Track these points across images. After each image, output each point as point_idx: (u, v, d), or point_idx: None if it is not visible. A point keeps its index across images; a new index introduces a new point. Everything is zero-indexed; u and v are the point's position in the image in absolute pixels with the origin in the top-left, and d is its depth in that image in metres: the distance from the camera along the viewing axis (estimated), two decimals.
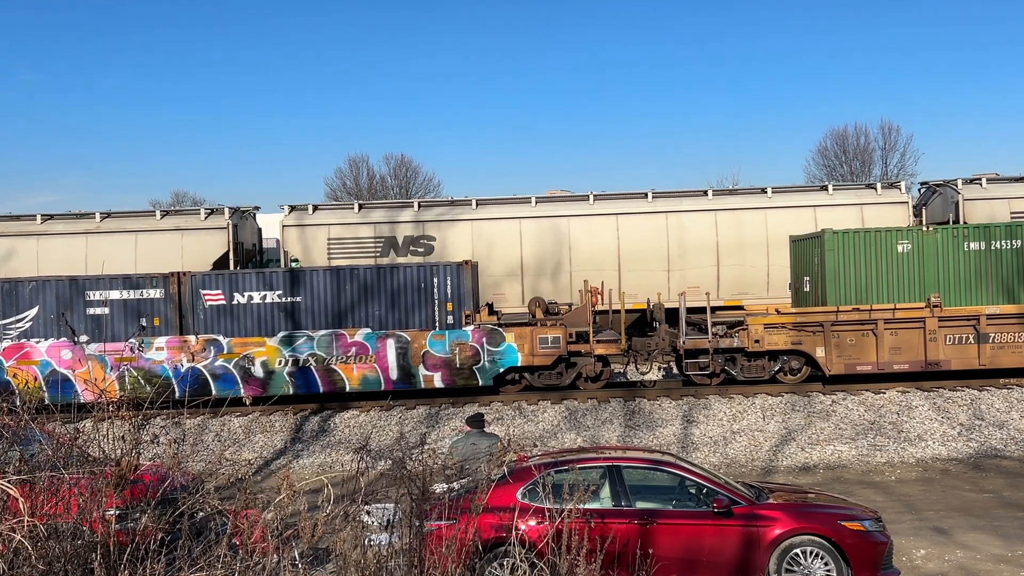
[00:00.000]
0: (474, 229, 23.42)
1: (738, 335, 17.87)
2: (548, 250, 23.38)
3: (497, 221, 23.56)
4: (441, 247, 23.44)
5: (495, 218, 23.63)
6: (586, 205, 23.88)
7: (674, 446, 15.52)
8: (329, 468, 15.51)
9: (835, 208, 23.25)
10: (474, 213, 23.74)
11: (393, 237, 23.49)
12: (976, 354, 17.59)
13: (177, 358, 17.86)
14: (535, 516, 8.06)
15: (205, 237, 23.32)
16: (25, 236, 23.50)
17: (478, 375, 18.00)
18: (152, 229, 23.49)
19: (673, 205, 23.60)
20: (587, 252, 23.27)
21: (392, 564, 6.43)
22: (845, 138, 53.50)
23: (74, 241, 23.17)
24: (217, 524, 6.27)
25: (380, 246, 23.42)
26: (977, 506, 12.15)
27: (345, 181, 58.44)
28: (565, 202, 24.53)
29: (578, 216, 23.64)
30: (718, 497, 8.53)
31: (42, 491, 5.81)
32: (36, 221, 23.93)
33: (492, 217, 23.63)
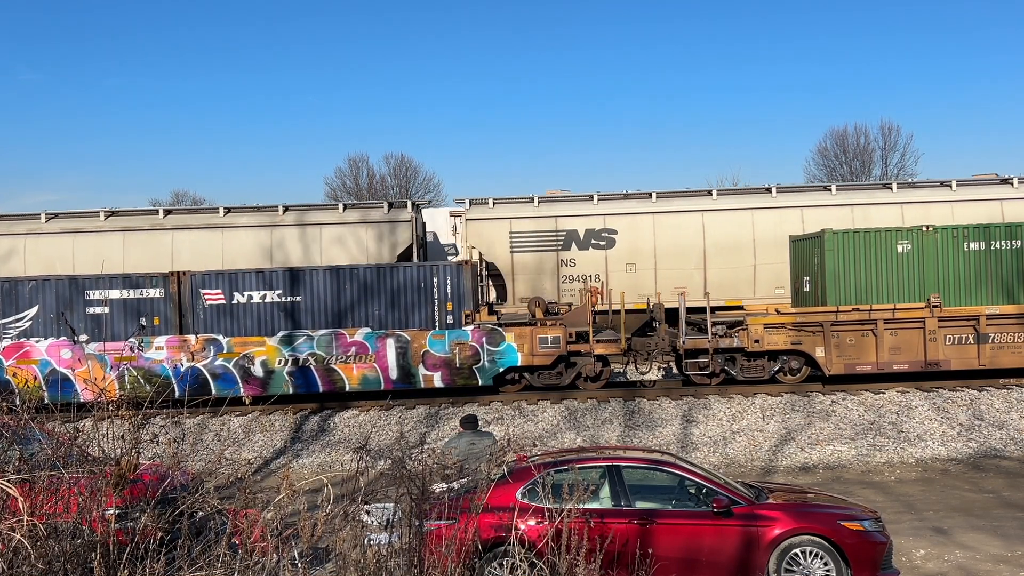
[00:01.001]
0: (656, 222, 23.39)
1: (738, 335, 17.88)
2: (731, 242, 23.25)
3: (679, 214, 23.44)
4: (622, 240, 23.40)
5: (677, 211, 23.51)
6: (769, 198, 23.77)
7: (674, 446, 15.52)
8: (329, 468, 15.51)
9: None
10: (654, 206, 23.63)
11: (574, 230, 23.44)
12: (976, 354, 17.60)
13: (177, 357, 17.86)
14: (535, 516, 8.06)
15: (388, 231, 23.18)
16: (211, 228, 23.34)
17: (478, 375, 18.00)
18: (336, 222, 23.32)
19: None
20: (772, 243, 23.05)
21: (392, 564, 6.43)
22: (845, 138, 53.54)
23: (260, 233, 23.13)
24: (217, 523, 6.27)
25: (561, 239, 23.41)
26: (977, 506, 12.15)
27: (345, 181, 58.47)
28: (749, 195, 24.28)
29: (763, 209, 23.48)
30: (718, 497, 8.53)
31: (42, 490, 5.81)
32: (219, 214, 23.83)
33: (674, 210, 23.51)
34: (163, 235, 23.25)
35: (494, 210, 23.84)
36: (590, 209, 23.72)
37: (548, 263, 23.29)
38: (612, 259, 23.45)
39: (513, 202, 24.35)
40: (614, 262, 23.42)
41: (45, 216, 23.73)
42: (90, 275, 18.89)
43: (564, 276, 23.29)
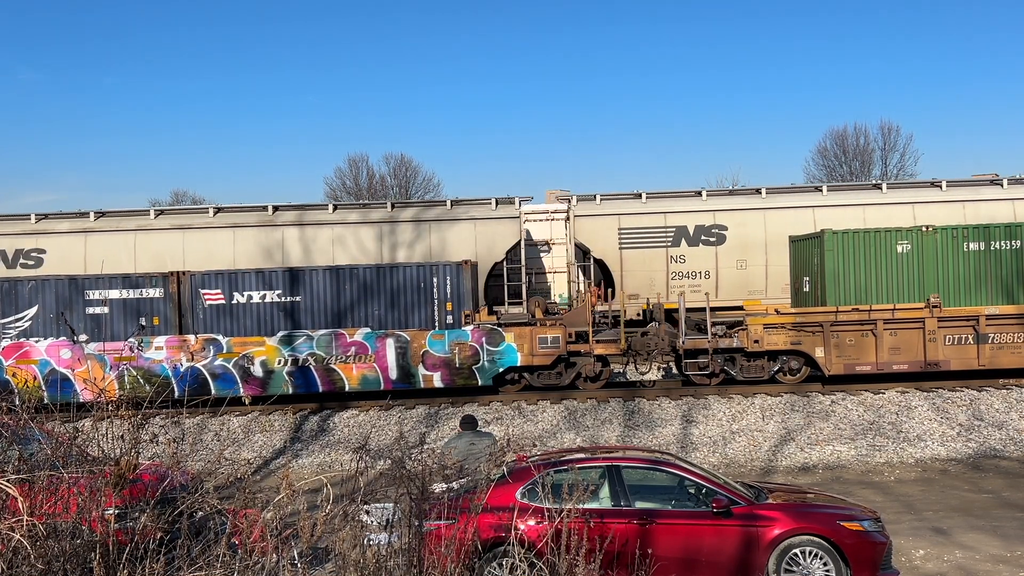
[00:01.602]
0: (767, 218, 23.29)
1: (737, 335, 17.88)
2: None
3: (790, 210, 23.31)
4: (732, 236, 23.32)
5: (788, 207, 23.38)
6: (879, 194, 23.62)
7: (673, 446, 15.52)
8: (328, 468, 15.51)
9: None
10: (764, 202, 23.52)
11: (684, 226, 23.37)
12: (975, 354, 17.60)
13: (176, 357, 17.86)
14: (534, 516, 8.06)
15: (497, 226, 22.99)
16: (316, 225, 23.25)
17: (477, 375, 18.00)
18: (446, 219, 23.23)
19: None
20: None
21: (391, 564, 6.43)
22: (845, 138, 53.55)
23: (372, 230, 23.07)
24: (216, 523, 6.27)
25: (671, 235, 23.34)
26: (976, 506, 12.15)
27: (345, 181, 58.47)
28: (860, 191, 24.12)
29: (873, 205, 23.29)
30: (717, 497, 8.53)
31: (41, 490, 5.81)
32: (328, 210, 23.75)
33: (785, 206, 23.39)
34: (274, 231, 23.19)
35: (601, 206, 23.71)
36: (699, 205, 23.61)
37: (657, 259, 23.18)
38: (722, 255, 23.40)
39: (620, 198, 24.31)
40: (724, 258, 23.39)
41: (154, 212, 23.73)
42: (89, 275, 18.89)
43: (673, 272, 23.21)
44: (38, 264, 22.84)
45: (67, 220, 23.65)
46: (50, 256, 22.78)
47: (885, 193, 23.65)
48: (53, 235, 23.05)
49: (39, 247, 23.03)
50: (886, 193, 23.64)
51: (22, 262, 22.95)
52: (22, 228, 23.20)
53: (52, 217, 23.86)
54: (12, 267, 22.81)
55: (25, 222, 23.41)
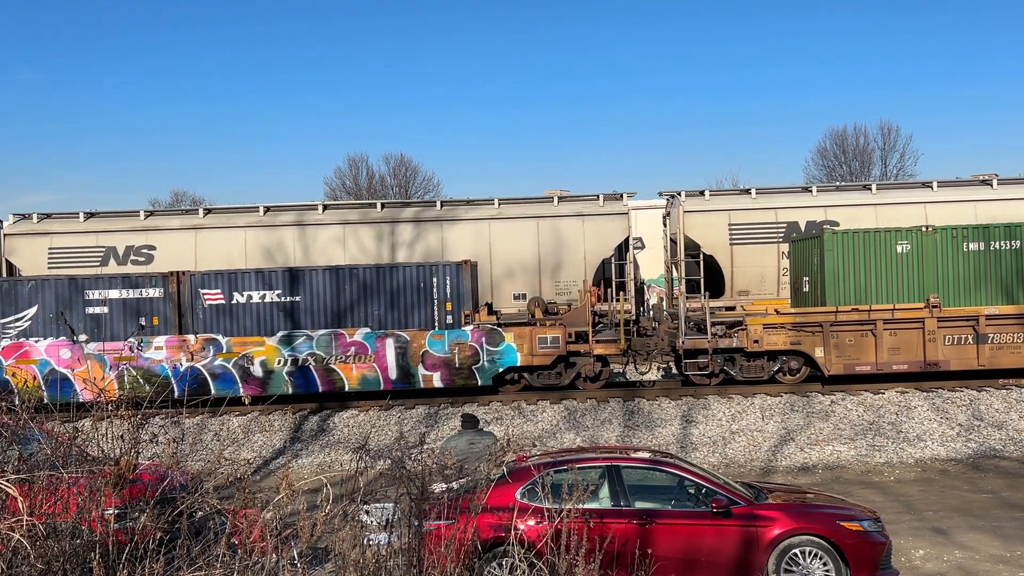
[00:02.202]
0: (878, 213, 22.94)
1: (737, 335, 17.88)
2: None
3: (900, 206, 22.99)
4: None
5: (898, 203, 23.11)
6: (989, 190, 23.22)
7: (673, 446, 15.53)
8: (328, 468, 15.51)
9: None
10: (875, 197, 23.24)
11: (795, 222, 23.01)
12: (975, 354, 17.60)
13: (176, 357, 17.86)
14: (534, 516, 8.06)
15: (605, 223, 22.74)
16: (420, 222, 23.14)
17: (477, 375, 18.00)
18: (552, 215, 23.04)
19: None
20: None
21: (391, 564, 6.43)
22: (845, 138, 53.54)
23: (478, 226, 22.90)
24: (216, 523, 6.28)
25: (782, 231, 23.04)
26: (976, 506, 12.16)
27: (345, 181, 58.48)
28: (968, 187, 23.71)
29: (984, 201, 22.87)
30: (717, 497, 8.53)
31: (41, 490, 5.81)
32: (436, 208, 23.67)
33: (895, 202, 23.12)
34: (383, 227, 23.08)
35: (711, 201, 23.45)
36: (809, 201, 23.31)
37: (768, 255, 22.89)
38: None
39: (729, 194, 24.22)
40: None
41: (263, 209, 23.72)
42: (89, 275, 18.88)
43: (784, 268, 22.80)
44: (148, 260, 22.82)
45: (177, 217, 23.72)
46: (160, 252, 22.75)
47: (996, 189, 23.30)
48: (164, 232, 23.01)
49: (149, 243, 22.95)
50: (997, 189, 23.30)
51: (132, 259, 22.93)
52: (132, 225, 23.16)
53: (161, 214, 23.86)
54: (123, 263, 22.80)
55: (134, 219, 23.39)
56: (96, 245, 22.90)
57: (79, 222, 23.30)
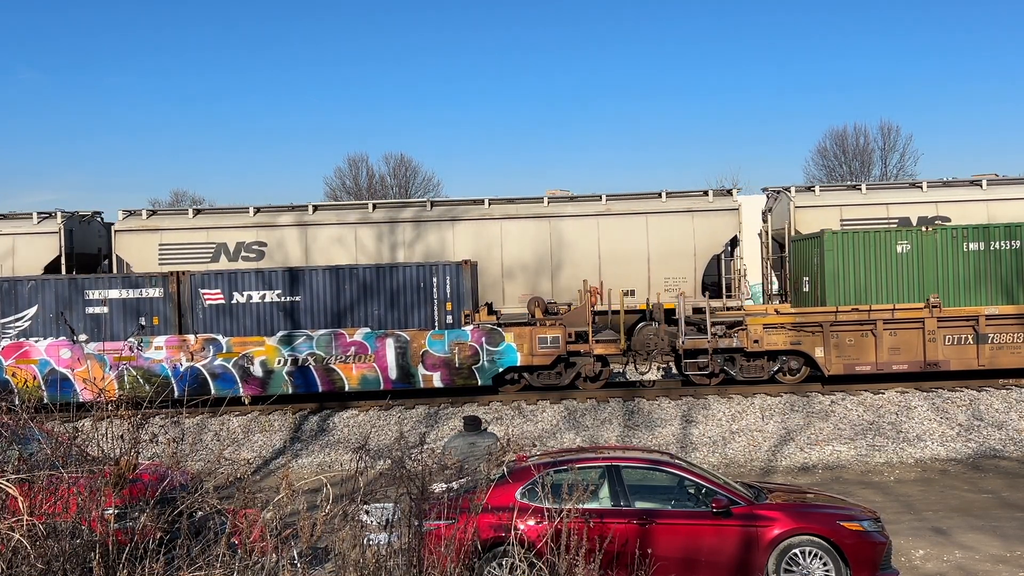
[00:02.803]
0: (989, 209, 22.74)
1: (737, 335, 17.88)
2: None
3: (1012, 201, 22.77)
4: None
5: (1013, 198, 22.87)
6: None
7: (673, 446, 15.52)
8: (328, 467, 15.51)
9: None
10: (985, 193, 23.03)
11: (906, 217, 22.86)
12: (975, 354, 17.60)
13: (176, 357, 17.85)
14: (534, 516, 8.06)
15: (715, 219, 22.65)
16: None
17: (477, 375, 18.00)
18: (661, 211, 22.96)
19: None
20: None
21: (391, 564, 6.43)
22: (845, 138, 53.57)
23: (588, 222, 22.87)
24: (216, 523, 6.27)
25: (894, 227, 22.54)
26: (976, 506, 12.16)
27: (344, 180, 58.52)
28: None
29: None
30: (717, 497, 8.53)
31: (41, 490, 5.81)
32: (543, 204, 23.59)
33: (1009, 197, 22.86)
34: (492, 224, 23.04)
35: (821, 197, 23.37)
36: (919, 196, 23.17)
37: None
38: None
39: (838, 189, 24.14)
40: None
41: (372, 205, 23.81)
42: (89, 275, 18.88)
43: None
44: (259, 257, 22.94)
45: (287, 213, 23.73)
46: (271, 249, 22.86)
47: None
48: (274, 228, 23.12)
49: (260, 240, 23.09)
50: None
51: (243, 255, 23.04)
52: (242, 221, 23.28)
53: (270, 210, 23.87)
54: (234, 259, 22.91)
55: (244, 215, 23.49)
56: (207, 241, 23.06)
57: (188, 218, 23.53)
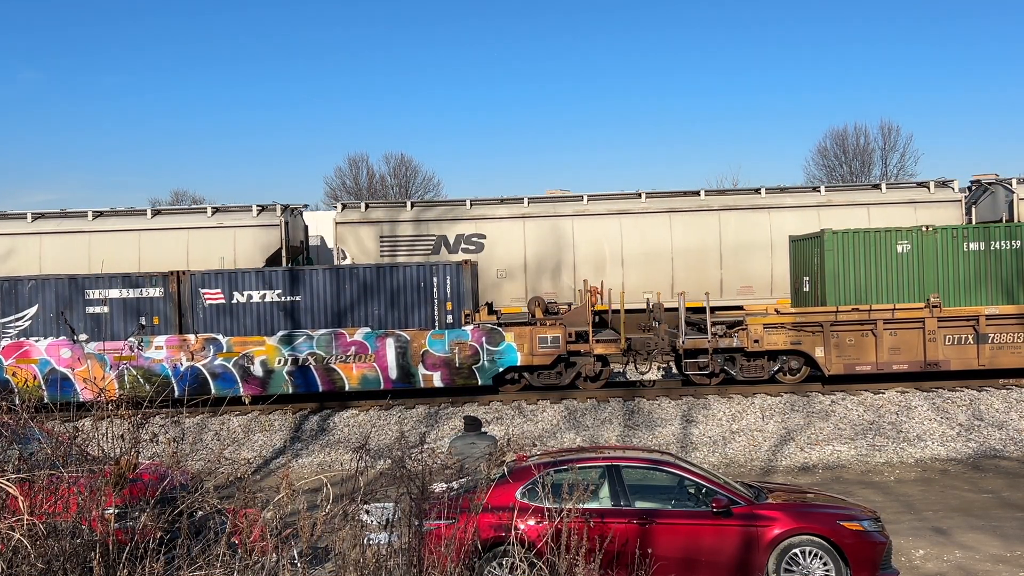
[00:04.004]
0: None
1: (737, 335, 17.87)
2: None
3: None
4: None
5: None
6: None
7: (673, 446, 15.52)
8: (328, 467, 15.51)
9: None
10: None
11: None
12: (975, 354, 17.60)
13: (176, 357, 17.85)
14: (534, 516, 8.06)
15: (937, 211, 22.73)
16: (760, 209, 23.24)
17: (477, 374, 17.99)
18: (879, 202, 22.99)
19: None
20: None
21: (391, 563, 6.43)
22: (845, 138, 53.52)
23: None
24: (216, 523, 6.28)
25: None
26: (976, 506, 12.15)
27: (345, 180, 58.51)
28: None
29: None
30: (717, 497, 8.53)
31: (41, 489, 5.81)
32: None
33: None
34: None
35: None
36: None
37: None
38: None
39: None
40: None
41: (586, 198, 23.90)
42: (89, 274, 18.88)
43: None
44: (479, 249, 23.15)
45: (505, 206, 23.88)
46: (489, 241, 23.02)
47: None
48: (492, 220, 23.28)
49: (479, 232, 23.27)
50: None
51: (463, 247, 23.27)
52: (460, 214, 23.43)
53: (486, 203, 24.01)
54: (454, 251, 23.18)
55: (460, 208, 23.69)
56: (427, 234, 23.36)
57: (407, 211, 23.73)
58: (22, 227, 23.89)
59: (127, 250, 23.38)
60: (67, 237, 23.51)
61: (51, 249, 23.44)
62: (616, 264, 23.00)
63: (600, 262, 23.16)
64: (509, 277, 23.10)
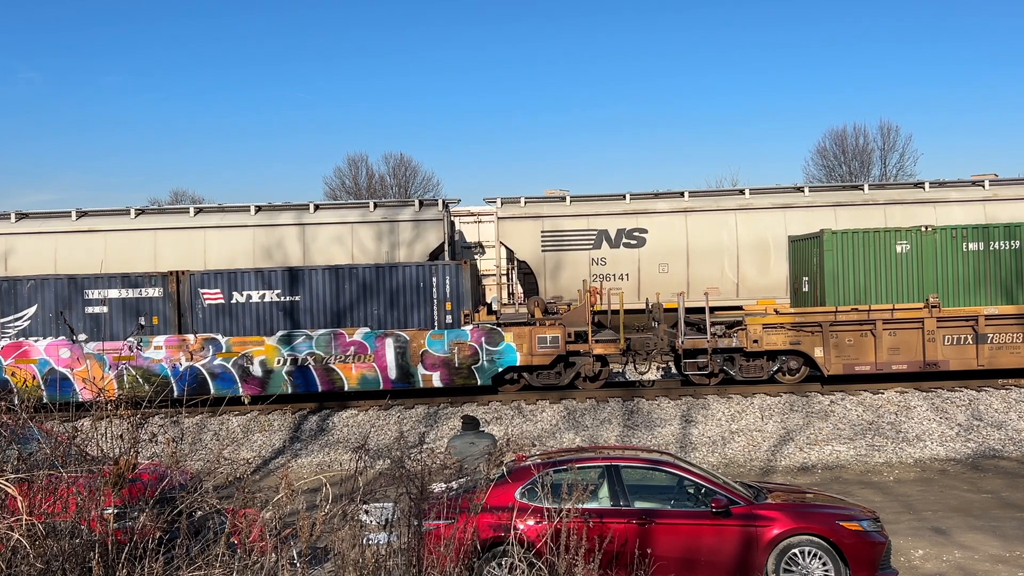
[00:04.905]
0: None
1: (736, 335, 17.88)
2: None
3: None
4: None
5: None
6: None
7: (673, 446, 15.53)
8: (328, 467, 15.51)
9: None
10: None
11: None
12: (975, 354, 17.60)
13: (176, 357, 17.85)
14: (534, 516, 8.06)
15: None
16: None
17: (477, 374, 17.99)
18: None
19: None
20: None
21: (390, 563, 6.43)
22: (844, 138, 53.52)
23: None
24: (215, 523, 6.28)
25: None
26: (975, 506, 12.16)
27: (344, 180, 58.49)
28: None
29: None
30: (716, 497, 8.53)
31: (40, 490, 5.81)
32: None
33: None
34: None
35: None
36: None
37: None
38: None
39: None
40: None
41: (748, 191, 23.94)
42: (89, 274, 18.88)
43: None
44: (640, 244, 23.16)
45: (664, 200, 23.91)
46: (651, 236, 23.03)
47: None
48: (653, 215, 23.31)
49: (640, 227, 23.28)
50: None
51: (625, 241, 23.25)
52: (620, 208, 23.45)
53: (645, 197, 24.02)
54: (615, 246, 23.17)
55: (620, 202, 23.69)
56: (588, 228, 23.34)
57: (567, 205, 23.75)
58: (187, 221, 23.81)
59: (290, 243, 23.39)
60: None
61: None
62: (781, 257, 22.83)
63: (764, 255, 23.19)
64: (671, 272, 23.17)
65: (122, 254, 23.10)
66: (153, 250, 23.25)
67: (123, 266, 22.31)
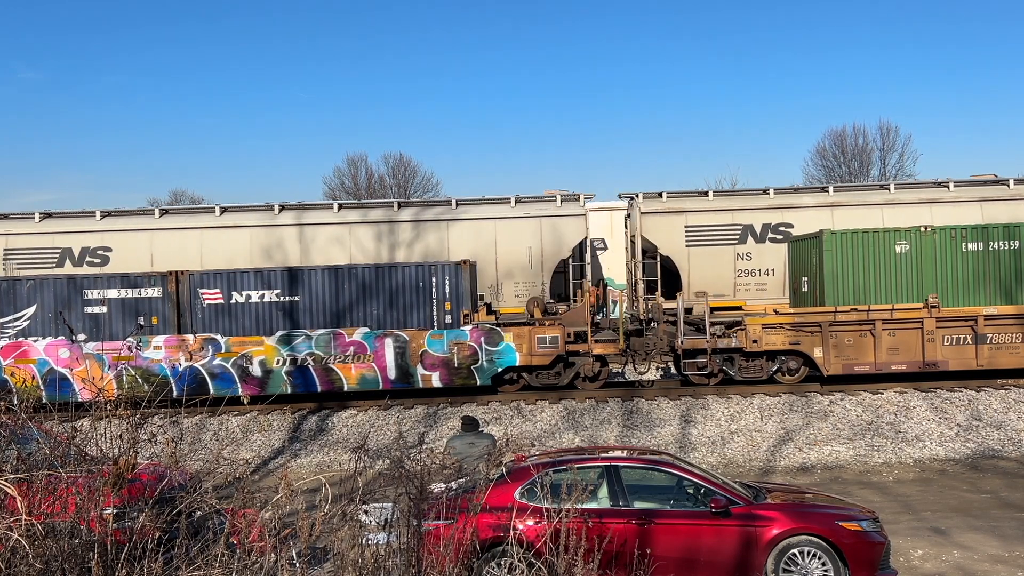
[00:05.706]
0: None
1: (736, 335, 17.88)
2: None
3: None
4: None
5: None
6: None
7: (672, 446, 15.53)
8: (327, 467, 15.50)
9: None
10: None
11: None
12: (974, 355, 17.60)
13: (175, 357, 17.84)
14: (533, 516, 8.06)
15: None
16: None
17: (476, 375, 17.99)
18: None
19: None
20: None
21: (390, 563, 6.43)
22: (844, 138, 53.55)
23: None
24: (215, 523, 6.27)
25: None
26: (975, 506, 12.16)
27: (344, 180, 58.49)
28: None
29: None
30: (716, 497, 8.53)
31: (39, 490, 5.81)
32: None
33: None
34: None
35: None
36: None
37: None
38: None
39: None
40: None
41: (893, 187, 23.86)
42: (88, 274, 18.87)
43: None
44: (785, 239, 22.89)
45: (807, 195, 23.85)
46: (797, 231, 22.71)
47: None
48: (798, 210, 23.22)
49: (785, 221, 23.16)
50: None
51: (770, 236, 23.19)
52: (766, 203, 23.42)
53: (785, 191, 23.98)
54: (760, 241, 23.11)
55: (763, 197, 23.66)
56: (732, 223, 23.20)
57: (710, 200, 23.61)
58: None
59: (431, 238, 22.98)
60: None
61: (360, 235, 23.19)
62: None
63: None
64: None
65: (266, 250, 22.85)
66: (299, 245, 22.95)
67: (266, 261, 22.16)
